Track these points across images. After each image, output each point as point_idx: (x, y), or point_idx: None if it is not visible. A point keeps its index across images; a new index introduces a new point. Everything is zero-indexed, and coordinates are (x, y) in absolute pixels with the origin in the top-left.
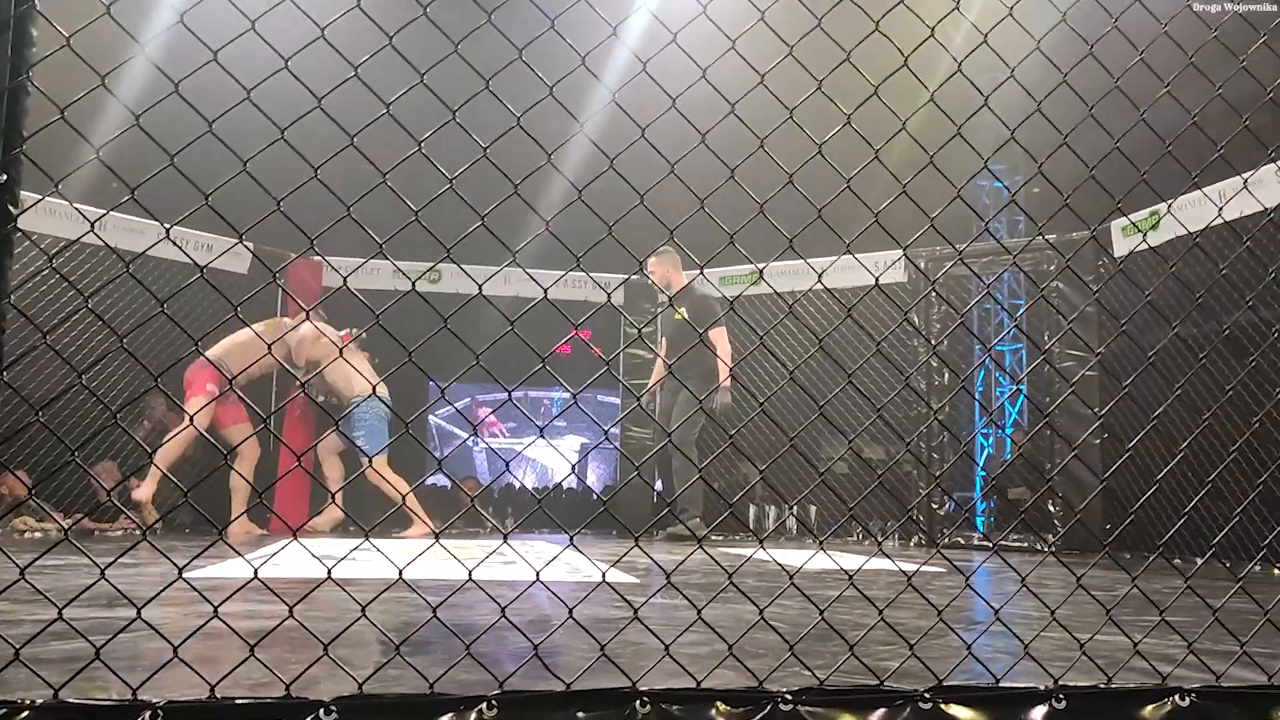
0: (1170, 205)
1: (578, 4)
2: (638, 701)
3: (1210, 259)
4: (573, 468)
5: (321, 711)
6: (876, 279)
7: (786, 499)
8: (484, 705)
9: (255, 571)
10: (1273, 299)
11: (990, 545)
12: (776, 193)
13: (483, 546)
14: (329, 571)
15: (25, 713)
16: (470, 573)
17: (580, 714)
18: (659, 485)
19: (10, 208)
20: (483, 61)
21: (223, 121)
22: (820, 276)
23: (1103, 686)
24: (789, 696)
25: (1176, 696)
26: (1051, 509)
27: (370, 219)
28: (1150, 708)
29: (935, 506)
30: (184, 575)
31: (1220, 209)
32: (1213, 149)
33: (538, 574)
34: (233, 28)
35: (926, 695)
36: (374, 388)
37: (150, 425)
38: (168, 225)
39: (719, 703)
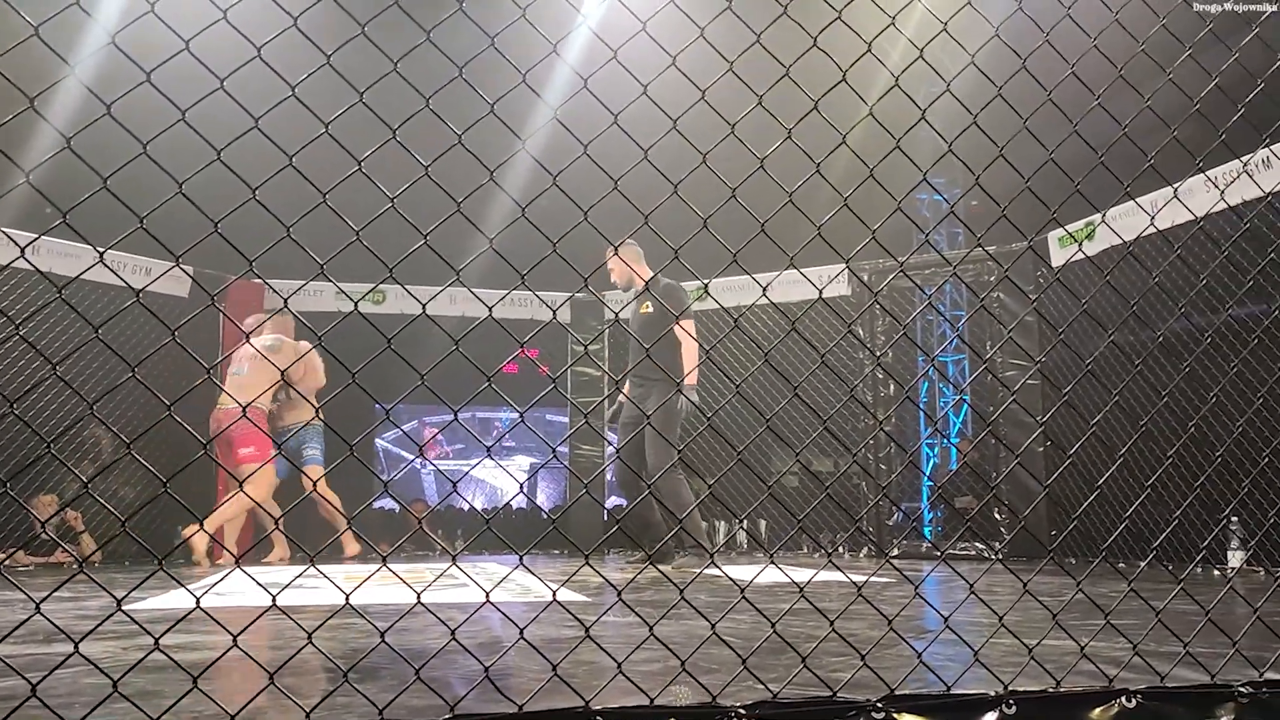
0: (1104, 215)
1: (518, 22)
2: None
3: (1144, 267)
4: (521, 487)
5: None
6: (820, 291)
7: (736, 513)
8: None
9: (198, 601)
10: (1205, 305)
11: (939, 554)
12: (720, 208)
13: (433, 570)
14: (274, 599)
15: None
16: (419, 595)
17: None
18: (610, 503)
19: None
20: (424, 80)
21: (162, 145)
22: (765, 290)
23: (1051, 691)
24: (742, 711)
25: (1123, 698)
26: (998, 517)
27: (314, 241)
28: (1098, 710)
29: (884, 517)
30: (123, 608)
31: (1152, 218)
32: (1146, 160)
33: (488, 595)
34: (167, 48)
35: (879, 705)
36: (317, 411)
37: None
38: (101, 249)
39: (673, 719)
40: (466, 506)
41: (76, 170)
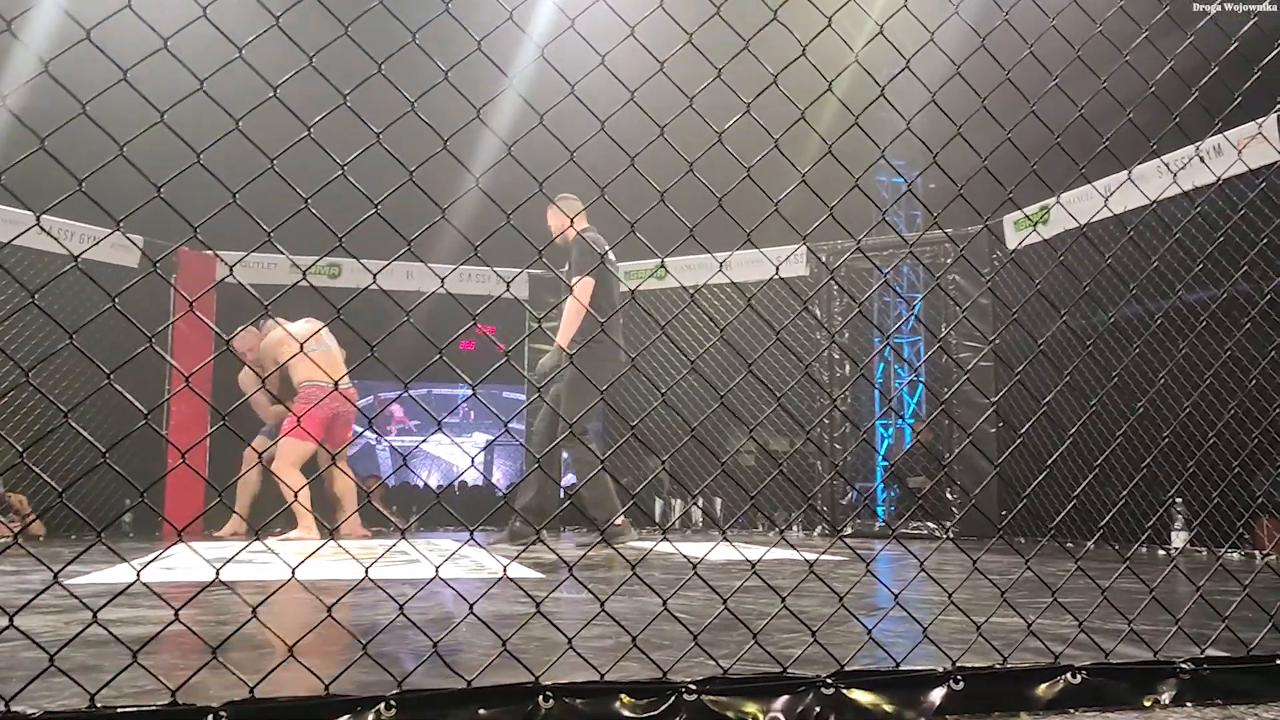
0: (1059, 198)
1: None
2: (540, 696)
3: (1097, 250)
4: (472, 460)
5: (210, 717)
6: (776, 268)
7: (692, 491)
8: (382, 705)
9: (138, 574)
10: (1155, 290)
11: (891, 533)
12: (676, 182)
13: (386, 546)
14: (217, 573)
15: None
16: (367, 570)
17: (482, 711)
18: (567, 480)
19: None
20: (382, 49)
21: (110, 112)
22: (721, 266)
23: (998, 667)
24: (693, 686)
25: (1069, 675)
26: (949, 496)
27: (270, 213)
28: (1044, 686)
29: (838, 496)
30: (61, 581)
31: (1105, 200)
32: (1101, 143)
33: (437, 569)
34: (109, 5)
35: (829, 680)
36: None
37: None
38: (39, 213)
39: (623, 695)
40: (421, 483)
41: (12, 137)
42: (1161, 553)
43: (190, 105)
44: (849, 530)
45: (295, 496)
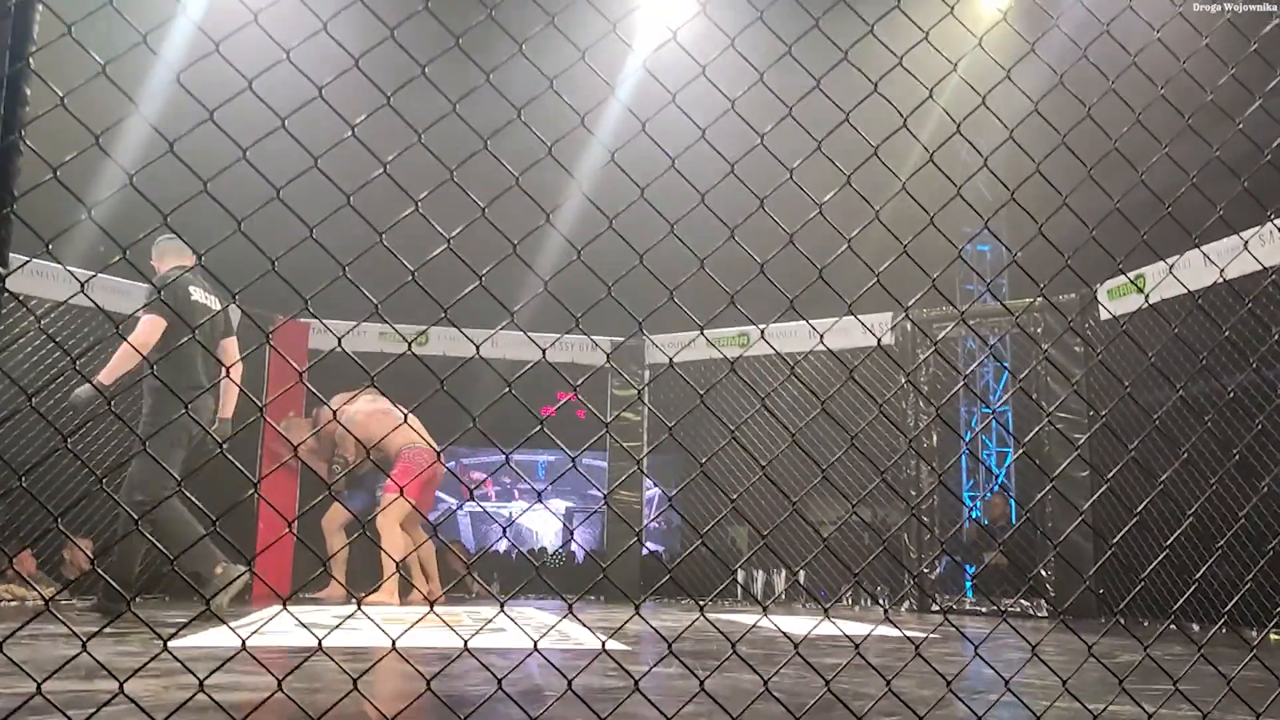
0: (1172, 266)
1: (573, 65)
2: None
3: (1214, 319)
4: (570, 533)
5: None
6: (879, 340)
7: (776, 563)
8: None
9: (244, 643)
10: (1273, 359)
11: (983, 610)
12: (778, 251)
13: (469, 612)
14: (320, 642)
15: None
16: (466, 643)
17: None
18: (652, 547)
19: None
20: (476, 121)
21: (215, 182)
22: (822, 338)
23: None
24: None
25: None
26: (1044, 573)
27: (357, 281)
28: None
29: (926, 570)
30: (169, 647)
31: (1222, 271)
32: (1197, 212)
33: (535, 644)
34: (231, 86)
35: None
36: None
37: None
38: (159, 286)
39: None
40: (502, 549)
41: (131, 211)
42: (1275, 638)
43: (298, 176)
44: (936, 606)
45: (399, 563)
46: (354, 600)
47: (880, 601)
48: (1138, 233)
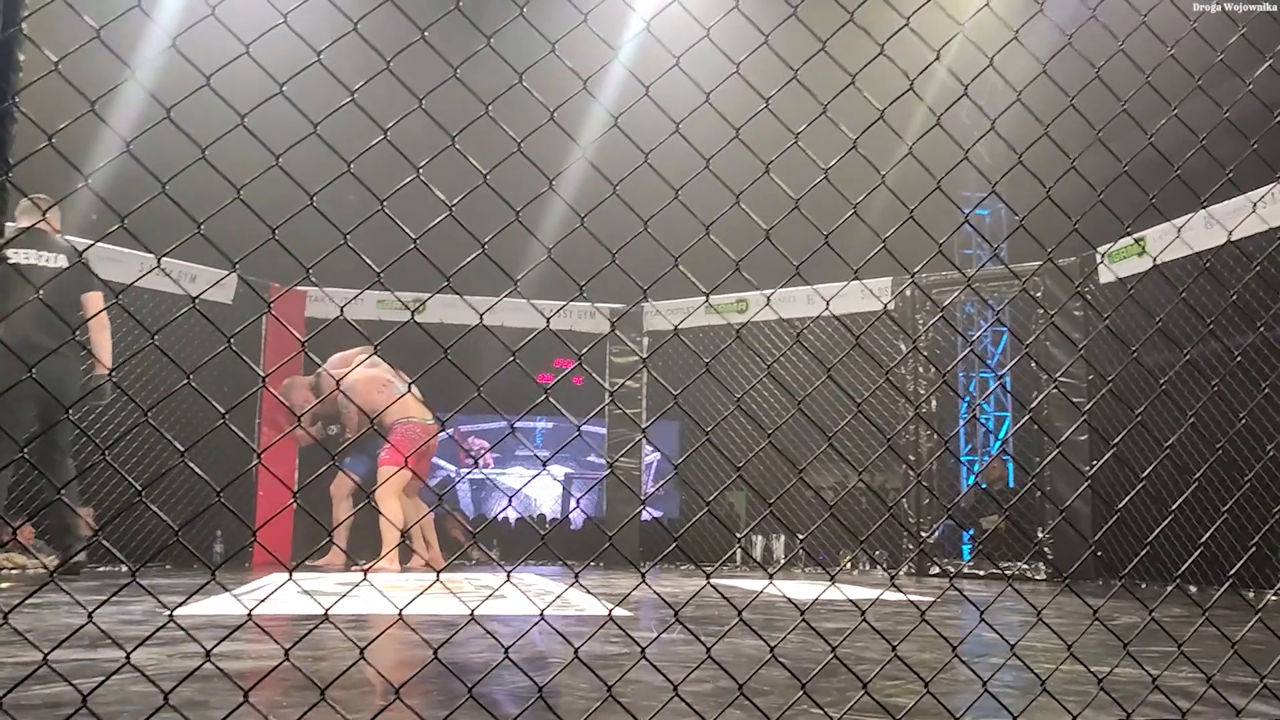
0: (1178, 228)
1: (576, 27)
2: None
3: (1220, 281)
4: (577, 502)
5: None
6: (885, 306)
7: (775, 529)
8: None
9: (250, 613)
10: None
11: (979, 574)
12: (783, 218)
13: (469, 579)
14: (326, 612)
15: None
16: (473, 613)
17: None
18: (647, 515)
19: None
20: (477, 87)
21: (211, 150)
22: (828, 304)
23: None
24: None
25: None
26: (1040, 535)
27: (360, 247)
28: None
29: (924, 535)
30: (174, 617)
31: (1230, 233)
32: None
33: (542, 613)
34: (227, 52)
35: None
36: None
37: None
38: (159, 255)
39: None
40: (501, 516)
41: (127, 179)
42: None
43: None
44: (935, 569)
45: (404, 532)
46: (357, 568)
47: (882, 566)
48: (1144, 195)
